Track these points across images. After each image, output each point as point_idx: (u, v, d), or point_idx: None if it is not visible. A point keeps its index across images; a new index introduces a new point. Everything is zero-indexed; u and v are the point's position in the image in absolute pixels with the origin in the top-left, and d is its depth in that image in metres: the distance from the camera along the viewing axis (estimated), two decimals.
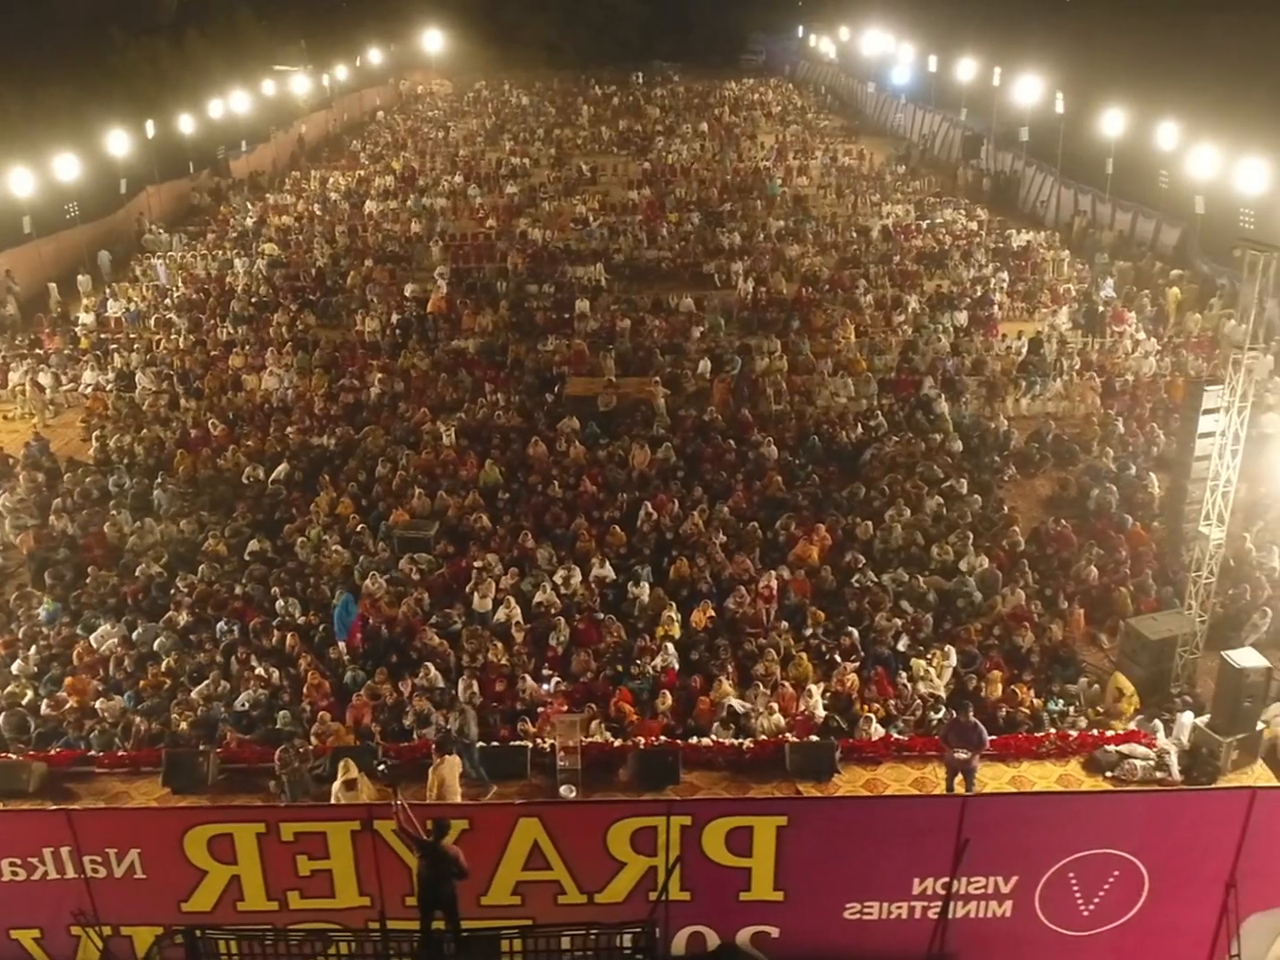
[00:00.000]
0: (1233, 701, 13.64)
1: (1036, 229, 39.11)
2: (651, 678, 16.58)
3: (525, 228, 40.49)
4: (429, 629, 17.63)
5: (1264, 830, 10.00)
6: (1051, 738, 14.36)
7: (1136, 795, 11.12)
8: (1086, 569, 19.10)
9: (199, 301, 33.18)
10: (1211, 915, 10.30)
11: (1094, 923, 10.47)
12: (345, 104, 65.93)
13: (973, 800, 10.28)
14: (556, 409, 25.59)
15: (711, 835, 9.95)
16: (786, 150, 53.85)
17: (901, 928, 10.41)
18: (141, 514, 21.62)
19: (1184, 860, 10.20)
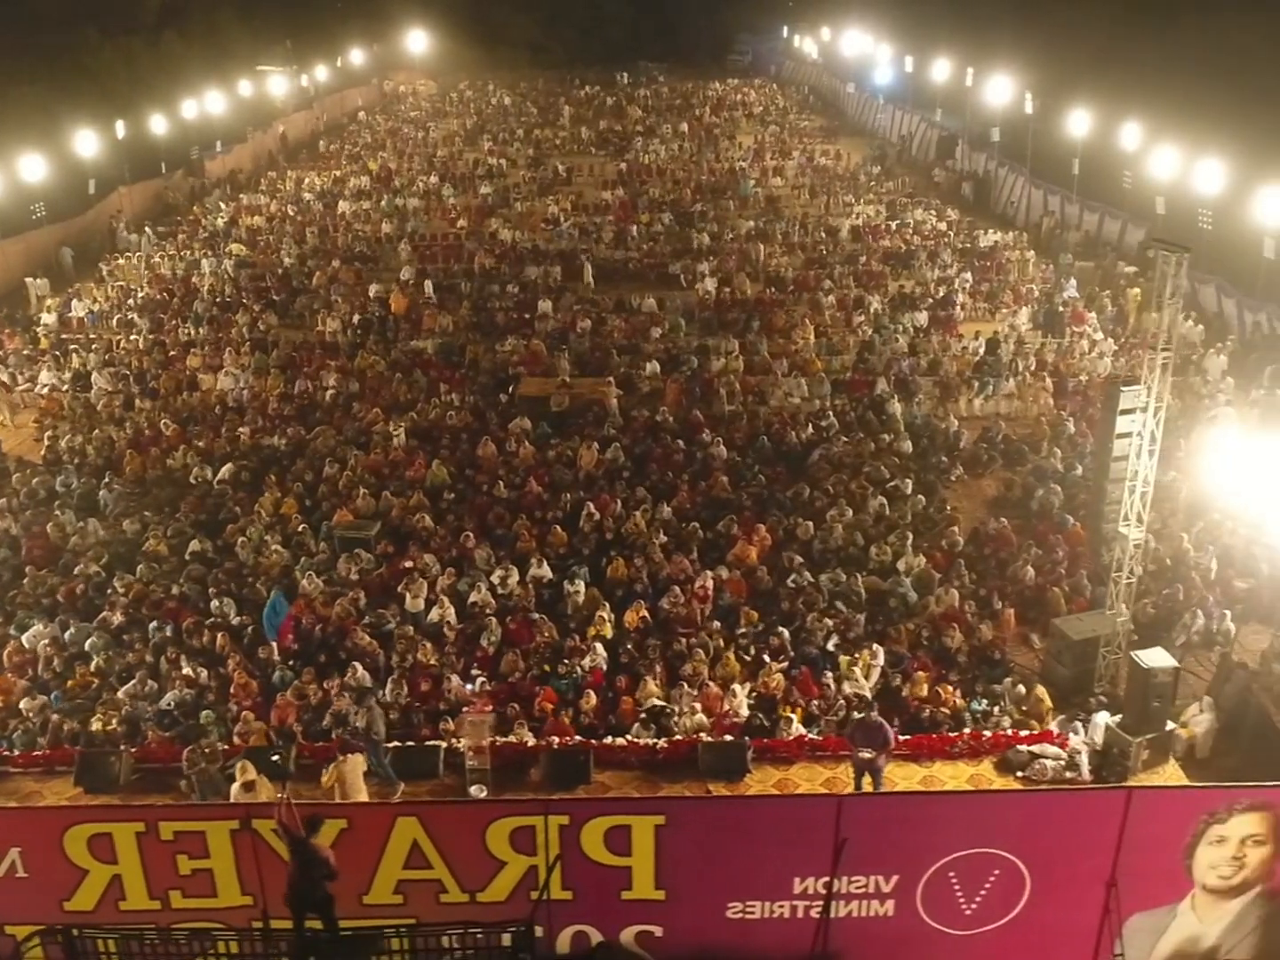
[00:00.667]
0: (1142, 701, 13.66)
1: (1007, 229, 39.16)
2: (576, 677, 16.60)
3: (496, 228, 40.49)
4: (360, 629, 17.65)
5: (1141, 830, 10.01)
6: (965, 738, 14.41)
7: (1013, 795, 11.13)
8: (1023, 569, 19.13)
9: (163, 302, 33.17)
10: (1094, 915, 10.32)
11: (977, 922, 10.48)
12: (327, 104, 65.95)
13: (849, 800, 10.31)
14: (509, 409, 25.60)
15: (590, 834, 9.97)
16: (764, 151, 53.83)
17: (785, 927, 10.43)
18: (87, 514, 21.63)
19: (1064, 860, 10.22)
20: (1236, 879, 10.32)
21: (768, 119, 63.65)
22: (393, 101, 72.80)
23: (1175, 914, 10.51)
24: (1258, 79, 35.20)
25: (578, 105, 68.03)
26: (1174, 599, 18.10)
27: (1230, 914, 10.51)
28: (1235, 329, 28.69)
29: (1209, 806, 10.04)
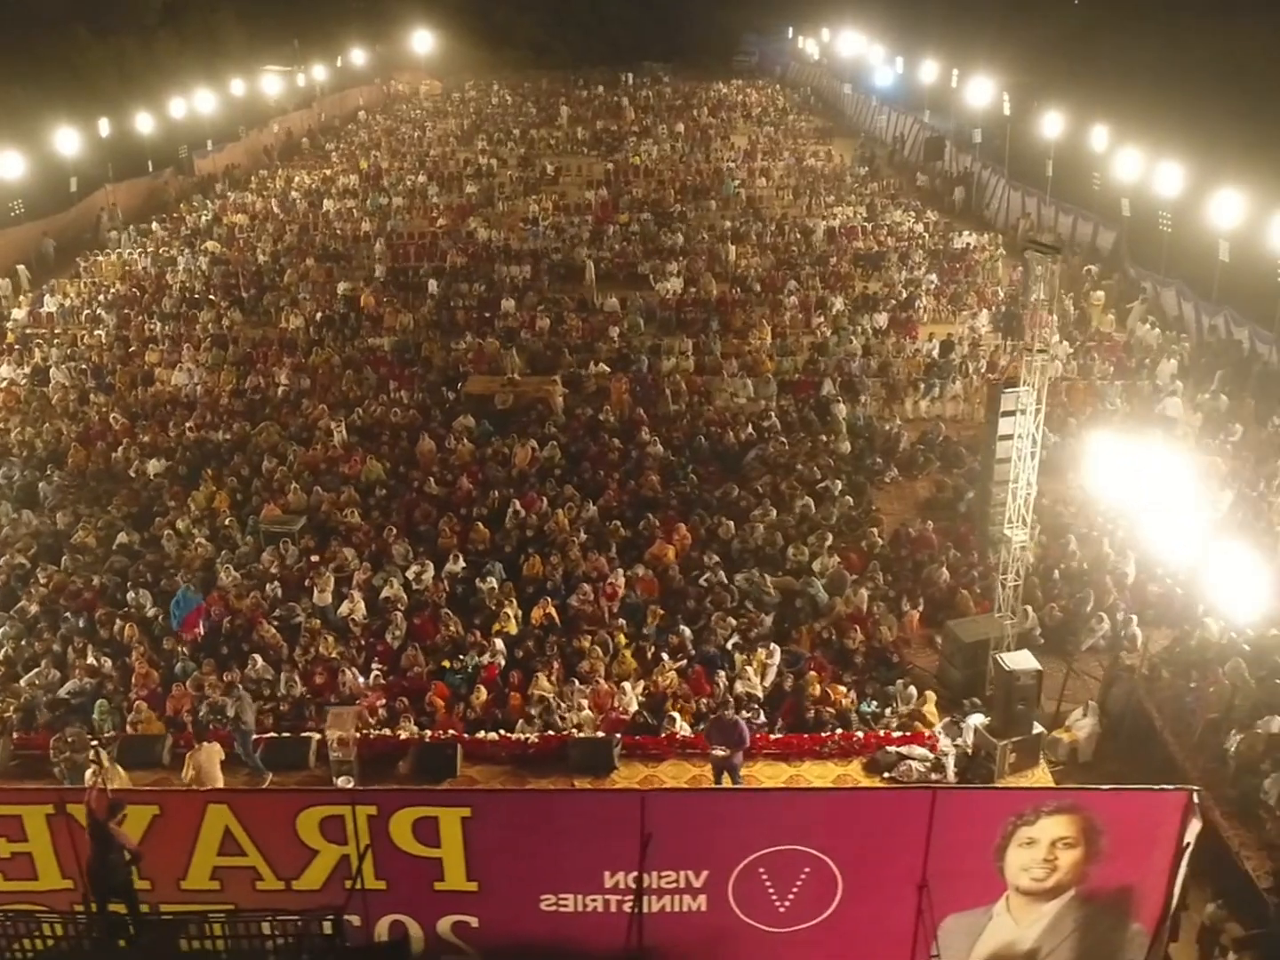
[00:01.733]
0: (1007, 704, 13.63)
1: (985, 231, 39.00)
2: (471, 672, 16.72)
3: (475, 227, 40.69)
4: (266, 622, 17.84)
5: (950, 831, 10.00)
6: (836, 738, 14.42)
7: (819, 793, 11.12)
8: (938, 571, 19.09)
9: (133, 298, 33.57)
10: (908, 916, 10.30)
11: (792, 920, 10.49)
12: (327, 104, 66.42)
13: (652, 796, 10.33)
14: (454, 407, 25.76)
15: (398, 825, 10.06)
16: (755, 152, 53.79)
17: (598, 921, 10.48)
18: (25, 506, 21.96)
19: (874, 860, 10.21)
20: (1050, 881, 10.29)
21: (765, 120, 63.56)
22: (395, 102, 73.16)
23: (991, 916, 10.48)
24: (1217, 84, 34.94)
25: (577, 105, 68.15)
26: (1084, 603, 18.03)
27: (1046, 917, 10.48)
28: (1194, 332, 28.46)
29: (1016, 808, 10.01)
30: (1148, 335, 28.24)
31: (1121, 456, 14.36)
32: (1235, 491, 21.14)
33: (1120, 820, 10.02)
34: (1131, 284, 31.49)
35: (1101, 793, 10.27)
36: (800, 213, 42.52)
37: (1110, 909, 10.39)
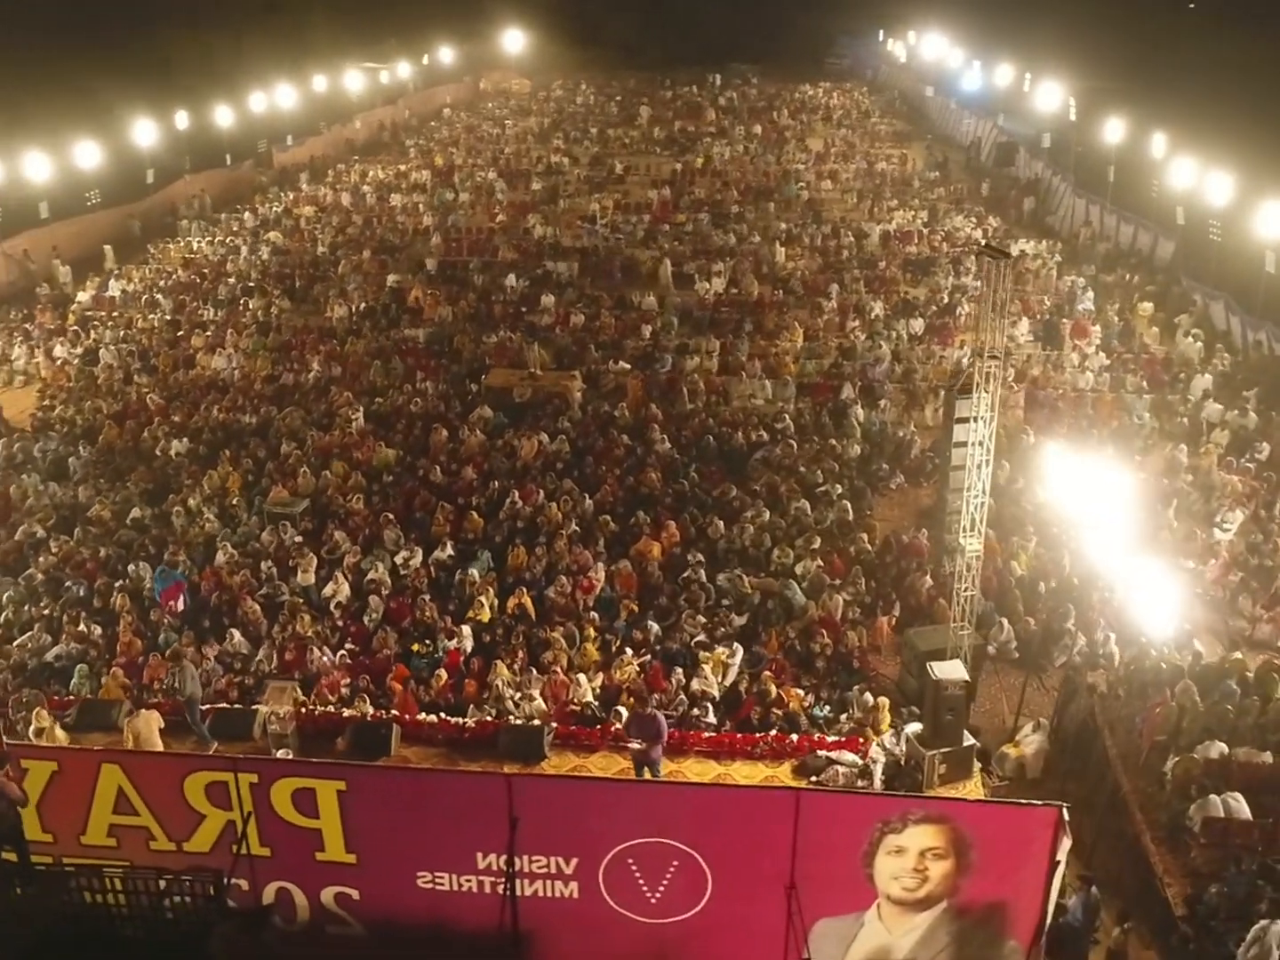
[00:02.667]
0: (935, 714, 13.42)
1: (1046, 239, 38.13)
2: (436, 657, 17.05)
3: (533, 224, 41.16)
4: (251, 599, 18.42)
5: (816, 834, 9.93)
6: (768, 739, 14.36)
7: (684, 787, 11.08)
8: (921, 579, 18.85)
9: (192, 284, 34.78)
10: (779, 917, 10.25)
11: (665, 911, 10.51)
12: (414, 101, 67.78)
13: (518, 780, 10.43)
14: (475, 399, 26.16)
15: (279, 794, 10.38)
16: (828, 154, 53.37)
17: (474, 901, 10.66)
18: (54, 479, 22.99)
19: (742, 858, 10.19)
20: (921, 892, 10.14)
21: (844, 123, 62.98)
22: (483, 100, 74.24)
23: (863, 922, 10.37)
24: (1272, 91, 33.51)
25: (659, 106, 68.36)
26: (1065, 618, 17.63)
27: (920, 928, 10.32)
28: (1240, 347, 27.47)
29: (882, 814, 9.89)
30: (1189, 349, 27.35)
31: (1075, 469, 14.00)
32: (1249, 513, 20.46)
33: (989, 834, 9.85)
34: (1183, 296, 30.49)
35: (969, 804, 10.13)
36: (862, 216, 42.10)
37: (984, 924, 10.20)
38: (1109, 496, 13.50)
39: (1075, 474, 13.82)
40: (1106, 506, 13.69)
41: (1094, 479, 13.54)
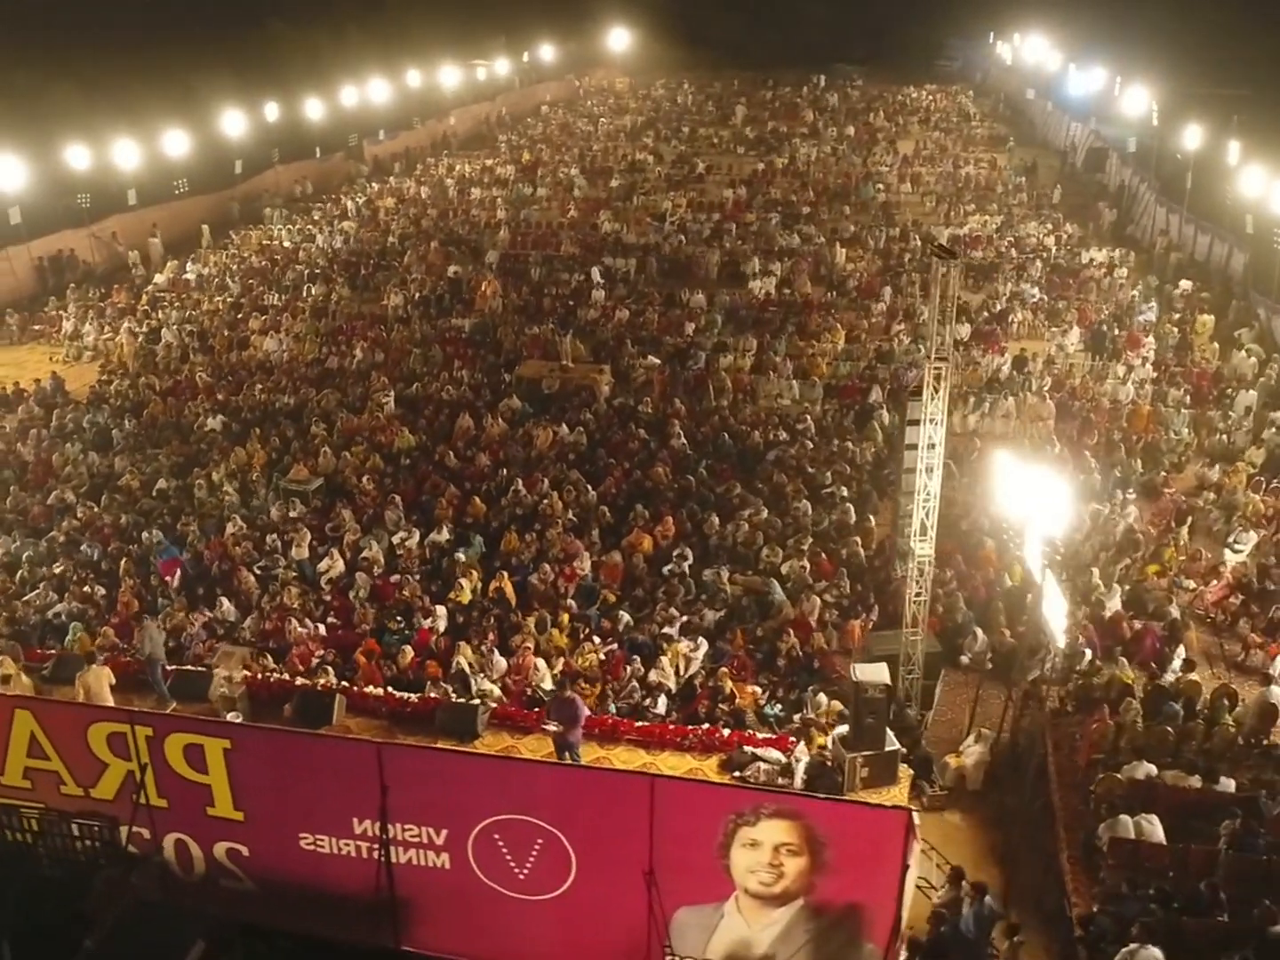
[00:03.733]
0: (856, 717, 13.27)
1: (1122, 247, 36.92)
2: (407, 634, 17.48)
3: (604, 220, 41.54)
4: (247, 570, 19.16)
5: (671, 821, 9.96)
6: (699, 732, 14.37)
7: (543, 766, 11.11)
8: (902, 584, 18.53)
9: (263, 270, 36.08)
10: (641, 902, 10.33)
11: (534, 888, 10.65)
12: (513, 98, 68.92)
13: (388, 749, 10.65)
14: (505, 388, 26.62)
15: (172, 748, 10.85)
16: (916, 157, 52.54)
17: (353, 865, 10.96)
18: (98, 449, 24.21)
19: (602, 841, 10.26)
20: (777, 887, 10.07)
21: (942, 125, 61.84)
22: (584, 98, 75.00)
23: (722, 914, 10.36)
24: None
25: (757, 106, 68.14)
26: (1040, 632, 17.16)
27: (778, 923, 10.25)
28: None
29: (734, 806, 9.86)
30: (1243, 364, 26.27)
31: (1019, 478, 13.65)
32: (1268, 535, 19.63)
33: (842, 833, 9.76)
34: (1247, 310, 29.27)
35: (820, 801, 10.04)
36: (936, 220, 41.39)
37: (842, 925, 10.11)
38: (1045, 510, 13.13)
39: (1024, 487, 13.47)
40: (1044, 520, 13.33)
41: (1036, 492, 13.18)
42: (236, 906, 11.54)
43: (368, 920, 11.16)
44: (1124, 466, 22.48)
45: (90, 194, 36.44)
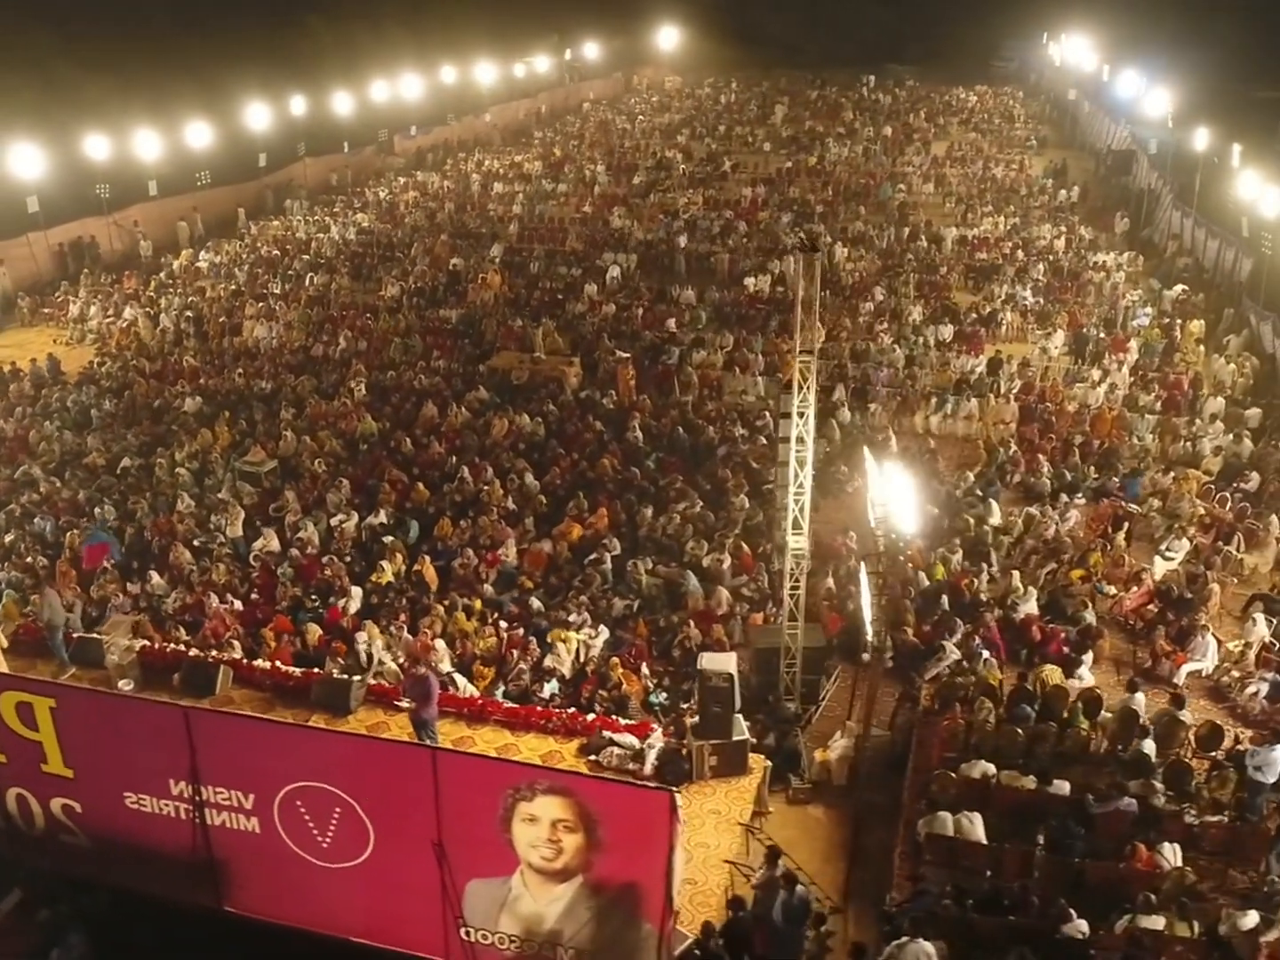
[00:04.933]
0: (703, 706, 13.35)
1: (1132, 250, 36.22)
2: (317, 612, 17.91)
3: (616, 217, 41.77)
4: (182, 546, 19.75)
5: (455, 794, 10.15)
6: (562, 716, 14.56)
7: (334, 735, 11.27)
8: (823, 580, 18.56)
9: (274, 259, 36.92)
10: (434, 873, 10.56)
11: (337, 856, 10.90)
12: (557, 95, 69.44)
13: (194, 713, 10.95)
14: (476, 378, 27.00)
15: (5, 705, 11.29)
16: (947, 158, 51.95)
17: (174, 825, 11.30)
18: (76, 427, 25.05)
19: (394, 811, 10.47)
20: (558, 863, 10.21)
21: (984, 126, 61.02)
22: (630, 95, 75.26)
23: (510, 887, 10.52)
24: None
25: (799, 106, 67.83)
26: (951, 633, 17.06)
27: (562, 900, 10.39)
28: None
29: (512, 781, 10.04)
30: (1222, 370, 25.69)
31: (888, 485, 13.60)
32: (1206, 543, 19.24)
33: (612, 812, 9.87)
34: (1239, 316, 28.57)
35: (589, 779, 10.15)
36: (953, 221, 40.91)
37: (620, 904, 10.22)
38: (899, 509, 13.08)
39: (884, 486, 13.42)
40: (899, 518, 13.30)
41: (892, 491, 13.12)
42: (75, 861, 12.00)
43: (191, 880, 11.53)
44: (1078, 471, 22.18)
45: (111, 184, 37.52)
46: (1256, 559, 18.91)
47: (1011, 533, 20.00)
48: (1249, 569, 18.85)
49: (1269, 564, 18.88)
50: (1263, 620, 16.62)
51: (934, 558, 19.13)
